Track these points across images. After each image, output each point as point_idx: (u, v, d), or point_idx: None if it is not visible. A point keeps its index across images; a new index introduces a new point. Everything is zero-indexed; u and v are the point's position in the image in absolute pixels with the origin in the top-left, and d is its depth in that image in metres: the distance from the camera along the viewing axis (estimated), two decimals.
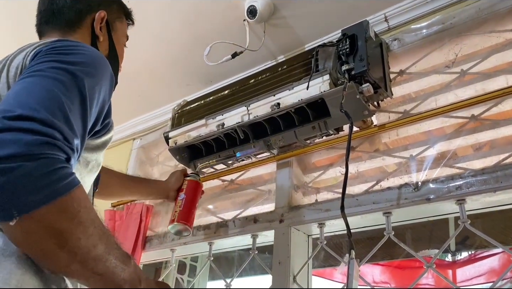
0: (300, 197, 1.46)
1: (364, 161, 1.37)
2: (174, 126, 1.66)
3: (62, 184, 0.59)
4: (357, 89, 1.19)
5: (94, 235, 0.62)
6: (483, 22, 1.29)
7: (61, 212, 0.58)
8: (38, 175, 0.56)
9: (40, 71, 0.69)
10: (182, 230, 1.27)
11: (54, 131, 0.60)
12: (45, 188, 0.57)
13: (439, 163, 1.19)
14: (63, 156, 0.61)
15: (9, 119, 0.58)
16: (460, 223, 1.11)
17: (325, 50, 1.32)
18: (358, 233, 1.36)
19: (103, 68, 0.78)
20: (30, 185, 0.56)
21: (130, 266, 0.68)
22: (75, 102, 0.68)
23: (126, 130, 2.24)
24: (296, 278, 1.30)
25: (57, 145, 0.60)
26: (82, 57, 0.75)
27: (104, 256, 0.64)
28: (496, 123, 1.18)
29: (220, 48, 1.59)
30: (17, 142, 0.56)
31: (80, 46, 0.79)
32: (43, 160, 0.57)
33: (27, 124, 0.58)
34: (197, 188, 1.26)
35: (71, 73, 0.70)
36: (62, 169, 0.59)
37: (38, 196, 0.56)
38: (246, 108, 1.43)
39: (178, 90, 1.98)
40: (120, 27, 1.07)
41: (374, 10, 1.49)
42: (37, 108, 0.61)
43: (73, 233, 0.60)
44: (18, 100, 0.62)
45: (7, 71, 0.76)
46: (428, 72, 1.35)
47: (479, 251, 2.68)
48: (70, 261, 0.61)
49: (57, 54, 0.74)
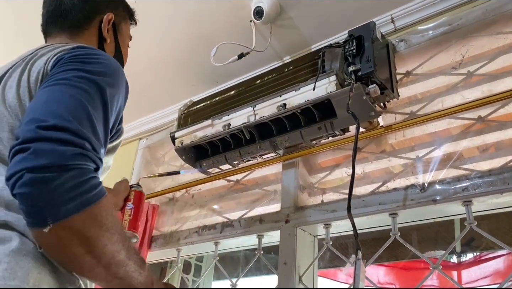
0: (306, 197, 1.46)
1: (370, 161, 1.37)
2: (180, 126, 1.67)
3: (93, 194, 0.62)
4: (363, 90, 1.20)
5: (118, 242, 0.65)
6: (490, 24, 1.28)
7: (91, 219, 0.61)
8: (72, 185, 0.59)
9: (66, 79, 0.71)
10: (131, 238, 1.26)
11: (84, 142, 0.63)
12: (77, 197, 0.60)
13: (446, 164, 1.19)
14: (93, 165, 0.64)
15: (44, 129, 0.60)
16: (467, 225, 1.10)
17: (332, 51, 1.32)
18: (363, 234, 1.36)
19: (121, 78, 0.81)
20: (64, 195, 0.59)
21: (145, 270, 0.71)
22: (99, 112, 0.71)
23: (132, 130, 2.25)
24: (302, 278, 1.30)
25: (88, 156, 0.63)
26: (103, 67, 0.77)
27: (125, 261, 0.67)
28: (503, 125, 1.18)
29: (227, 49, 1.59)
30: (52, 153, 0.59)
31: (100, 55, 0.81)
32: (76, 170, 0.60)
33: (61, 135, 0.61)
34: (142, 198, 1.28)
35: (95, 83, 0.72)
36: (92, 179, 0.62)
37: (71, 205, 0.59)
38: (252, 108, 1.44)
39: (184, 91, 1.99)
40: (125, 28, 1.09)
41: (380, 11, 1.49)
42: (69, 119, 0.63)
43: (101, 240, 0.63)
44: (49, 110, 0.64)
45: (28, 75, 0.78)
46: (434, 74, 1.35)
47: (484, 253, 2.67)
48: (95, 265, 0.64)
49: (79, 63, 0.75)
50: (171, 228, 1.79)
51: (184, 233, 1.69)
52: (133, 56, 1.86)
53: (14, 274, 0.60)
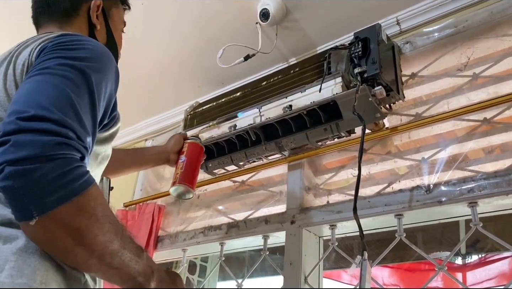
0: (312, 198, 1.47)
1: (376, 163, 1.38)
2: (187, 127, 1.68)
3: (79, 183, 0.60)
4: (369, 92, 1.20)
5: (110, 231, 0.63)
6: (495, 26, 1.29)
7: (79, 210, 0.59)
8: (56, 176, 0.57)
9: (48, 68, 0.69)
10: (184, 192, 1.20)
11: (68, 131, 0.61)
12: (62, 188, 0.58)
13: (451, 166, 1.20)
14: (78, 155, 0.62)
15: (24, 120, 0.59)
16: (472, 226, 1.11)
17: (338, 53, 1.33)
18: (368, 235, 1.36)
19: (109, 62, 0.78)
20: (48, 186, 0.57)
21: (143, 259, 0.70)
22: (85, 99, 0.68)
23: (138, 132, 2.27)
24: (308, 279, 1.31)
25: (71, 145, 0.60)
26: (88, 52, 0.75)
27: (119, 251, 0.65)
28: (509, 127, 1.18)
29: (233, 51, 1.60)
30: (34, 144, 0.57)
31: (84, 41, 0.78)
32: (59, 160, 0.58)
33: (41, 125, 0.59)
34: (198, 150, 1.22)
35: (79, 70, 0.70)
36: (78, 168, 0.60)
37: (56, 196, 0.57)
38: (258, 110, 1.45)
39: (190, 92, 2.00)
40: (116, 13, 1.05)
41: (386, 14, 1.50)
42: (50, 108, 0.61)
43: (91, 230, 0.61)
44: (30, 100, 0.62)
45: (14, 68, 0.76)
46: (440, 75, 1.36)
47: (489, 254, 2.66)
48: (88, 256, 0.62)
49: (63, 50, 0.73)
50: (177, 228, 1.80)
51: (190, 233, 1.70)
52: (140, 58, 1.89)
53: (21, 272, 0.60)
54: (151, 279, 0.70)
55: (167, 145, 1.32)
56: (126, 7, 1.11)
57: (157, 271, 0.73)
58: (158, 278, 0.73)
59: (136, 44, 1.75)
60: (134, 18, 1.18)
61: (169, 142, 1.32)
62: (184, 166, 1.18)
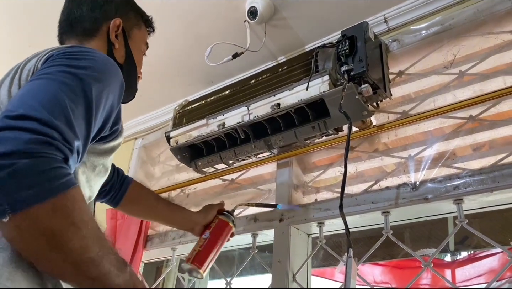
0: (300, 196, 1.47)
1: (363, 160, 1.39)
2: (176, 126, 1.68)
3: (57, 183, 0.59)
4: (356, 90, 1.21)
5: (88, 238, 0.61)
6: (481, 24, 1.30)
7: (54, 211, 0.58)
8: (33, 173, 0.57)
9: (48, 74, 0.70)
10: (194, 271, 1.14)
11: (52, 132, 0.61)
12: (39, 186, 0.57)
13: (437, 163, 1.21)
14: (61, 156, 0.61)
15: (10, 118, 0.60)
16: (458, 223, 1.12)
17: (325, 51, 1.33)
18: (358, 232, 1.38)
19: (112, 73, 0.79)
20: (24, 182, 0.56)
21: (125, 273, 0.67)
22: (80, 106, 0.68)
23: (127, 130, 2.25)
24: (296, 276, 1.31)
25: (54, 145, 0.60)
26: (90, 62, 0.76)
27: (97, 260, 0.62)
28: (494, 124, 1.19)
29: (221, 49, 1.60)
30: (15, 140, 0.57)
31: (91, 52, 0.80)
32: (39, 159, 0.57)
33: (26, 123, 0.59)
34: (225, 230, 1.16)
35: (78, 77, 0.71)
36: (58, 169, 0.59)
37: (31, 194, 0.56)
38: (246, 108, 1.45)
39: (179, 91, 1.99)
40: (138, 34, 1.08)
41: (373, 12, 1.50)
42: (38, 109, 0.62)
43: (65, 234, 0.59)
44: (22, 101, 0.63)
45: (20, 73, 0.78)
46: (427, 73, 1.36)
47: (478, 251, 2.68)
48: (61, 262, 0.60)
49: (67, 59, 0.75)
50: (166, 227, 1.80)
51: (179, 232, 1.70)
52: None
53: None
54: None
55: (198, 214, 1.24)
56: (150, 30, 1.15)
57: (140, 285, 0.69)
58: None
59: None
60: None
61: (201, 213, 1.24)
62: (205, 244, 1.11)
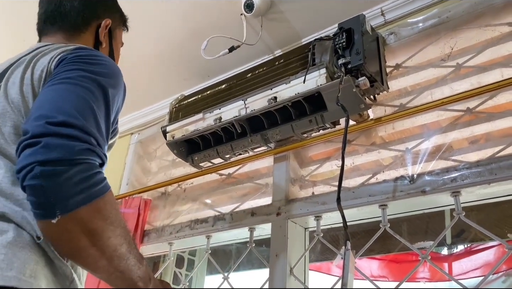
0: (297, 190, 1.47)
1: (360, 154, 1.38)
2: (172, 120, 1.67)
3: (99, 187, 0.65)
4: (353, 83, 1.20)
5: (121, 235, 0.68)
6: (478, 16, 1.29)
7: (96, 212, 0.64)
8: (80, 179, 0.62)
9: (71, 78, 0.74)
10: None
11: (91, 138, 0.66)
12: (85, 190, 0.62)
13: (435, 156, 1.20)
14: (99, 161, 0.67)
15: (52, 124, 0.63)
16: (455, 215, 1.12)
17: (322, 44, 1.32)
18: (355, 226, 1.37)
19: (120, 79, 0.85)
20: (72, 188, 0.61)
21: (144, 265, 0.73)
22: (102, 110, 0.74)
23: (123, 125, 2.24)
24: (293, 270, 1.31)
25: (95, 151, 0.66)
26: (105, 68, 0.81)
27: (126, 255, 0.69)
28: (491, 116, 1.19)
29: (218, 43, 1.59)
30: (62, 148, 0.62)
31: (102, 57, 0.84)
32: (84, 165, 0.63)
33: (69, 130, 0.64)
34: None
35: (98, 83, 0.75)
36: (98, 174, 0.65)
37: (78, 198, 0.62)
38: (243, 102, 1.44)
39: (175, 85, 1.98)
40: (119, 34, 1.12)
41: (370, 4, 1.49)
42: (76, 116, 0.66)
43: (105, 232, 0.65)
44: (57, 106, 0.67)
45: (32, 73, 0.80)
46: (424, 66, 1.36)
47: (475, 244, 2.69)
48: (99, 257, 0.65)
49: (83, 63, 0.78)
50: (163, 222, 1.79)
51: (176, 227, 1.70)
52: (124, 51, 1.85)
53: (11, 265, 0.62)
54: (148, 285, 0.74)
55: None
56: (125, 29, 1.18)
57: (153, 279, 0.77)
58: (154, 285, 0.76)
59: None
60: None
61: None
62: None
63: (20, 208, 0.68)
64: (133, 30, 1.72)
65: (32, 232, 0.67)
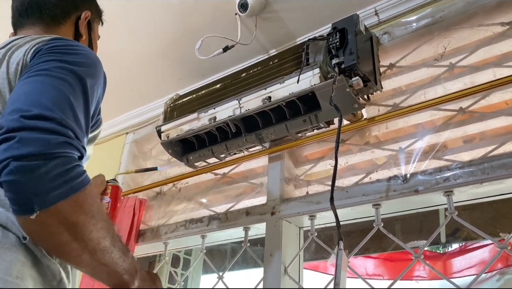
0: (292, 189, 1.47)
1: (354, 153, 1.39)
2: (167, 120, 1.67)
3: (78, 181, 0.63)
4: (347, 83, 1.20)
5: (103, 228, 0.66)
6: (471, 16, 1.30)
7: (77, 206, 0.62)
8: (57, 173, 0.60)
9: (47, 70, 0.72)
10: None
11: (68, 131, 0.64)
12: (63, 184, 0.61)
13: (428, 155, 1.21)
14: (77, 154, 0.65)
15: (27, 118, 0.61)
16: (448, 214, 1.12)
17: (316, 44, 1.33)
18: (350, 225, 1.38)
19: (100, 69, 0.82)
20: (50, 182, 0.60)
21: (129, 257, 0.72)
22: (80, 102, 0.72)
23: (118, 125, 2.24)
24: (288, 269, 1.31)
25: (72, 144, 0.64)
26: (83, 58, 0.78)
27: (110, 248, 0.67)
28: (484, 116, 1.20)
29: (212, 42, 1.59)
30: (38, 141, 0.60)
31: (79, 46, 0.82)
32: (61, 159, 0.61)
33: (45, 124, 0.62)
34: (118, 193, 1.27)
35: (75, 74, 0.73)
36: (77, 167, 0.63)
37: (57, 192, 0.60)
38: (237, 102, 1.44)
39: (170, 85, 1.98)
40: (96, 27, 1.11)
41: (364, 4, 1.50)
42: (52, 108, 0.64)
43: (86, 226, 0.64)
44: (32, 99, 0.65)
45: (7, 66, 0.78)
46: (417, 66, 1.36)
47: (469, 243, 2.70)
48: (81, 251, 0.64)
49: (59, 54, 0.76)
50: (158, 222, 1.79)
51: (171, 226, 1.70)
52: (119, 51, 1.86)
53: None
54: (135, 278, 0.73)
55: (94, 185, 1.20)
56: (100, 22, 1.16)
57: (140, 271, 0.76)
58: (140, 277, 0.75)
59: (115, 37, 1.72)
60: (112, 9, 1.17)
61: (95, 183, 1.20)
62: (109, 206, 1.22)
63: (3, 208, 0.67)
64: (128, 30, 1.73)
65: (18, 233, 0.66)
